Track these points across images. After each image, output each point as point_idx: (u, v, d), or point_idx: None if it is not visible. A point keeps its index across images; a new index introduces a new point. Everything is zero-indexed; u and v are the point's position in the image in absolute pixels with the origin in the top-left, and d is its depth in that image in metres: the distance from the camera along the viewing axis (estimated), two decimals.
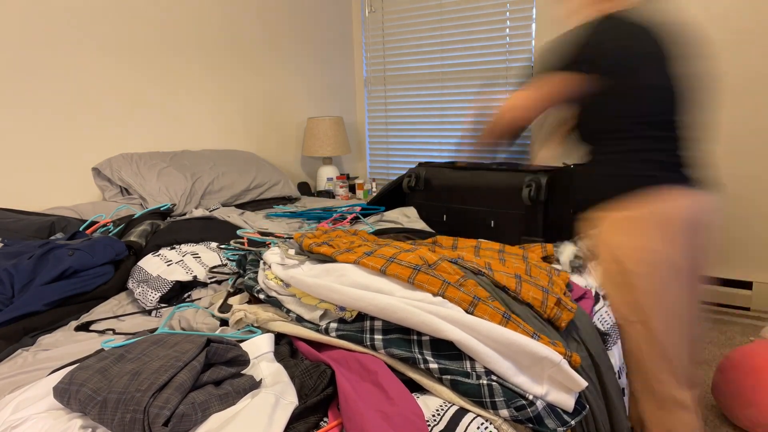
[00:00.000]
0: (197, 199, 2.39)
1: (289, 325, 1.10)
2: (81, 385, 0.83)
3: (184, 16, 2.69)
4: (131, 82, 2.50)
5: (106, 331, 1.28)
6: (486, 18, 3.17)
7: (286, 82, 3.31)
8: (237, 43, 2.98)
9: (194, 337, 0.92)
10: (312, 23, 3.42)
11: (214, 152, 2.74)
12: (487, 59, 3.22)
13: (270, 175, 2.78)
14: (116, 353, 0.92)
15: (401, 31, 3.54)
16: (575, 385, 0.93)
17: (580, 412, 0.94)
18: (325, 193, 3.29)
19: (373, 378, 0.91)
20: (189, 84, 2.76)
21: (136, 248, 1.65)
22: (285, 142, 3.36)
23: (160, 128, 2.65)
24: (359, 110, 3.89)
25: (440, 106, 3.47)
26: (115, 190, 2.38)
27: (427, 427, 0.82)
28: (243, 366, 0.94)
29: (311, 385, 0.91)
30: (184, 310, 1.30)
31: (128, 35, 2.47)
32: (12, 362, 1.16)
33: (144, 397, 0.77)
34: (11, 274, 1.39)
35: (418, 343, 0.98)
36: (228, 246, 1.66)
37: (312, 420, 0.86)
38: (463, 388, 0.89)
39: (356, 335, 1.01)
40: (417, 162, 2.96)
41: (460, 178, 1.94)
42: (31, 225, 1.80)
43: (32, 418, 0.84)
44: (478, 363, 0.94)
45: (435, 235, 1.83)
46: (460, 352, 0.95)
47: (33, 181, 2.20)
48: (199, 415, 0.80)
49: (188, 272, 1.48)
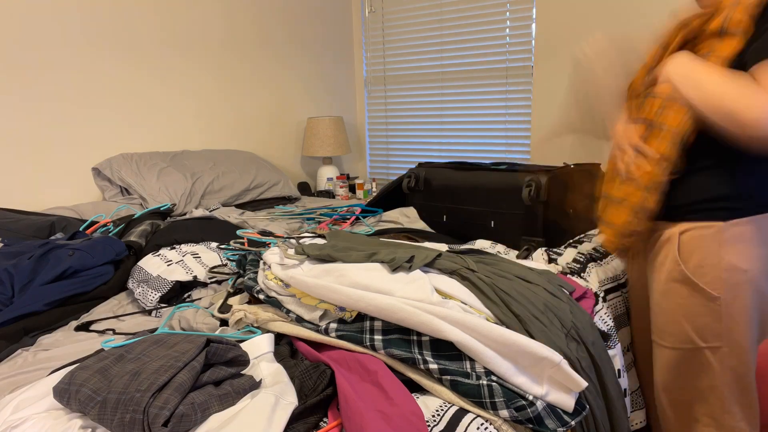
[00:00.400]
0: (197, 199, 2.39)
1: (289, 325, 1.10)
2: (81, 385, 0.83)
3: (184, 16, 2.69)
4: (131, 82, 2.50)
5: (106, 331, 1.28)
6: (486, 18, 3.17)
7: (287, 82, 3.31)
8: (237, 43, 2.98)
9: (194, 337, 0.92)
10: (312, 23, 3.42)
11: (214, 152, 2.74)
12: (487, 59, 3.22)
13: (270, 175, 2.78)
14: (116, 353, 0.92)
15: (401, 31, 3.54)
16: (575, 386, 0.93)
17: (580, 412, 0.94)
18: (325, 193, 3.29)
19: (373, 378, 0.91)
20: (189, 84, 2.76)
21: (136, 248, 1.65)
22: (285, 142, 3.36)
23: (160, 128, 2.65)
24: (359, 110, 3.89)
25: (440, 106, 3.47)
26: (115, 190, 2.38)
27: (426, 428, 0.82)
28: (243, 366, 0.94)
29: (311, 386, 0.91)
30: (184, 310, 1.30)
31: (129, 35, 2.47)
32: (12, 362, 1.16)
33: (144, 398, 0.77)
34: (11, 274, 1.39)
35: (417, 343, 0.98)
36: (228, 246, 1.66)
37: (312, 420, 0.86)
38: (463, 388, 0.89)
39: (356, 336, 1.01)
40: (417, 162, 2.96)
41: (460, 179, 1.94)
42: (31, 225, 1.80)
43: (32, 418, 0.84)
44: (478, 363, 0.94)
45: (435, 235, 1.83)
46: (460, 353, 0.95)
47: (33, 181, 2.20)
48: (198, 415, 0.80)
49: (188, 272, 1.48)
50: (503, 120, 3.23)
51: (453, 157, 3.48)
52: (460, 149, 3.45)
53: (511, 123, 3.21)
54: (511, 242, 1.79)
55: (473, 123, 3.35)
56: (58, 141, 2.26)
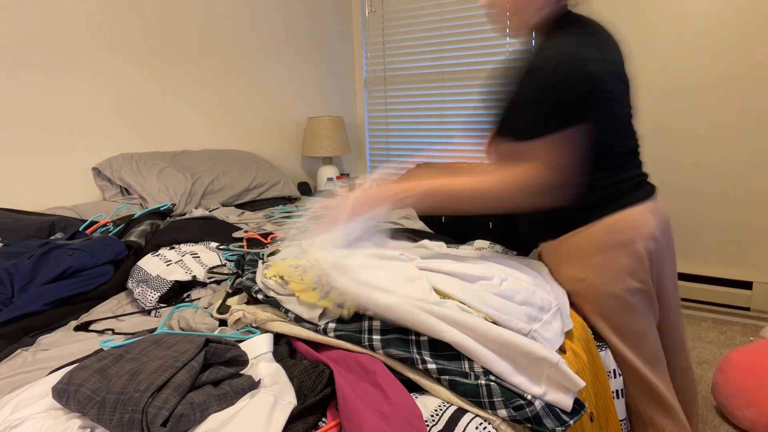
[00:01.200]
0: (197, 199, 2.39)
1: (288, 325, 1.10)
2: (80, 385, 0.83)
3: (184, 16, 2.69)
4: (132, 82, 2.50)
5: (105, 331, 1.28)
6: (486, 18, 3.17)
7: (287, 82, 3.31)
8: (237, 43, 2.98)
9: (193, 337, 0.92)
10: (312, 23, 3.42)
11: (214, 152, 2.74)
12: (487, 59, 3.22)
13: (270, 175, 2.78)
14: (115, 353, 0.92)
15: (401, 31, 3.54)
16: (573, 385, 0.93)
17: (579, 411, 0.94)
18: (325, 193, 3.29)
19: (372, 378, 0.92)
20: (189, 84, 2.76)
21: (136, 248, 1.65)
22: (285, 142, 3.36)
23: (160, 128, 2.65)
24: (359, 110, 3.89)
25: (440, 106, 3.47)
26: (115, 190, 2.38)
27: (425, 427, 0.82)
28: (242, 366, 0.94)
29: (310, 385, 0.91)
30: (183, 310, 1.30)
31: (129, 35, 2.47)
32: (11, 362, 1.17)
33: (142, 398, 0.77)
34: (11, 274, 1.39)
35: (416, 343, 0.98)
36: (227, 247, 1.66)
37: (311, 420, 0.86)
38: (461, 388, 0.89)
39: (354, 335, 1.01)
40: (417, 162, 2.96)
41: None
42: (31, 225, 1.80)
43: (31, 418, 0.84)
44: (477, 363, 0.94)
45: (434, 235, 1.83)
46: (458, 353, 0.95)
47: (33, 181, 2.20)
48: (197, 415, 0.80)
49: (187, 272, 1.48)
50: None
51: (453, 157, 3.48)
52: (460, 149, 3.45)
53: None
54: (510, 242, 1.79)
55: (473, 123, 3.35)
56: (59, 141, 2.26)
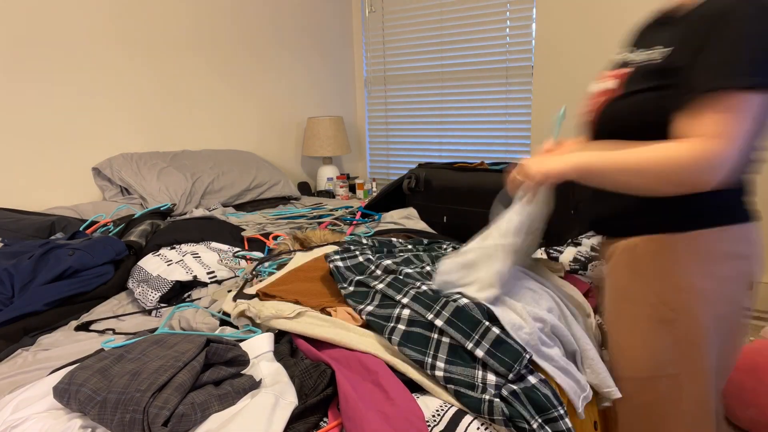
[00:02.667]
0: (197, 199, 2.39)
1: (290, 322, 1.10)
2: (81, 385, 0.83)
3: (184, 16, 2.69)
4: (132, 81, 2.50)
5: (106, 331, 1.27)
6: (486, 18, 3.16)
7: (286, 82, 3.31)
8: (238, 43, 2.98)
9: (194, 337, 0.92)
10: (312, 23, 3.42)
11: (214, 152, 2.74)
12: (487, 59, 3.22)
13: (270, 175, 2.78)
14: (116, 353, 0.92)
15: (401, 31, 3.54)
16: None
17: None
18: (325, 193, 3.29)
19: (374, 378, 0.91)
20: (189, 84, 2.76)
21: (136, 248, 1.65)
22: (285, 142, 3.36)
23: (160, 128, 2.65)
24: (359, 110, 3.89)
25: (440, 106, 3.47)
26: (115, 190, 2.38)
27: (427, 428, 0.82)
28: (243, 366, 0.94)
29: (311, 385, 0.91)
30: (184, 309, 1.30)
31: (130, 35, 2.47)
32: (12, 362, 1.16)
33: (143, 397, 0.77)
34: (11, 274, 1.38)
35: (436, 343, 0.97)
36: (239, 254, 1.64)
37: (312, 420, 0.86)
38: (465, 400, 0.88)
39: (381, 323, 1.02)
40: (417, 162, 2.96)
41: (460, 179, 1.94)
42: (31, 225, 1.80)
43: (32, 418, 0.84)
44: (490, 373, 0.92)
45: (436, 235, 1.83)
46: (475, 359, 0.94)
47: (33, 181, 2.20)
48: (198, 415, 0.80)
49: (188, 272, 1.48)
50: (503, 120, 3.23)
51: (453, 157, 3.48)
52: (460, 149, 3.45)
53: (511, 123, 3.20)
54: None
55: (473, 123, 3.35)
56: (59, 141, 2.26)
